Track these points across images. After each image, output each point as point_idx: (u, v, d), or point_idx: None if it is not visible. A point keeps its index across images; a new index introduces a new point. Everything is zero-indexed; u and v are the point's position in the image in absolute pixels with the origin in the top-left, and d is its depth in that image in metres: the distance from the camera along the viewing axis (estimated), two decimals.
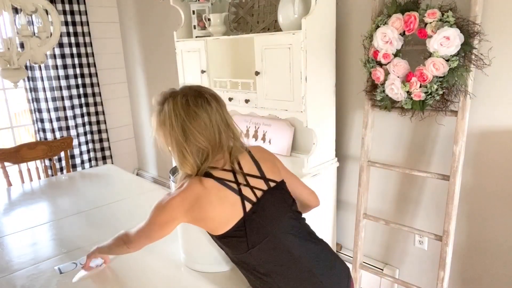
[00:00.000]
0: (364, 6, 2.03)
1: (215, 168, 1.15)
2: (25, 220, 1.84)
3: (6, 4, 1.64)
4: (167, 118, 1.14)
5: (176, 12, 2.71)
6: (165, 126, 1.14)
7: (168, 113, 1.13)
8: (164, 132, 1.15)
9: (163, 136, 1.17)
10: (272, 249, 1.14)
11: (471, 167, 1.82)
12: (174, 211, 1.12)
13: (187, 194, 1.12)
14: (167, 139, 1.16)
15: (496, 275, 1.84)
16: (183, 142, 1.12)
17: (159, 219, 1.15)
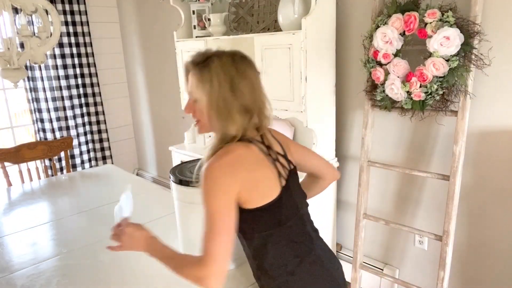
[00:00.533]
0: (364, 6, 2.03)
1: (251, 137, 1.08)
2: (25, 220, 1.83)
3: (6, 4, 1.63)
4: (214, 75, 1.03)
5: (176, 12, 2.71)
6: (210, 84, 1.03)
7: (215, 70, 1.03)
8: (209, 90, 1.03)
9: (207, 95, 1.04)
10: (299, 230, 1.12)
11: (471, 167, 1.82)
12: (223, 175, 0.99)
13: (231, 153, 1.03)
14: (211, 98, 1.03)
15: (496, 275, 1.84)
16: (232, 100, 1.03)
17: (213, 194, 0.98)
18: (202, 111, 1.07)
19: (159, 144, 3.92)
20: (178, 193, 1.30)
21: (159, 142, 3.92)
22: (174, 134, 3.62)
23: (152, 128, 3.97)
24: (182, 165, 1.39)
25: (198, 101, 1.07)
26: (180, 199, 1.30)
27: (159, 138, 3.91)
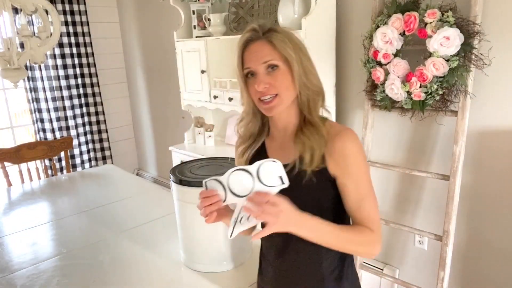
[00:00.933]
0: (364, 6, 2.03)
1: None
2: (25, 220, 1.83)
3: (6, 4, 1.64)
4: (299, 42, 0.98)
5: (176, 12, 2.71)
6: (300, 46, 0.98)
7: (298, 38, 0.99)
8: (303, 54, 0.98)
9: (298, 58, 0.96)
10: None
11: (471, 167, 1.82)
12: None
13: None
14: (303, 61, 0.97)
15: (496, 275, 1.84)
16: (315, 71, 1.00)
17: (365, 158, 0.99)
18: (285, 80, 0.96)
19: (159, 144, 3.92)
20: (178, 193, 1.30)
21: (159, 142, 3.92)
22: (174, 134, 3.62)
23: (152, 128, 3.97)
24: (182, 165, 1.39)
25: (282, 68, 0.95)
26: (180, 199, 1.30)
27: (159, 138, 3.91)
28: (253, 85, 0.97)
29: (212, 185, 0.90)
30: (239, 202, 0.89)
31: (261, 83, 0.95)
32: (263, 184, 0.88)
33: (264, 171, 0.88)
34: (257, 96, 0.97)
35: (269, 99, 0.96)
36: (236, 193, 0.89)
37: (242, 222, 0.89)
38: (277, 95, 0.96)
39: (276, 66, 0.95)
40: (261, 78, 0.95)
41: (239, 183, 0.89)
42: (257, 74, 0.96)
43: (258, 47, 0.97)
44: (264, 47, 0.96)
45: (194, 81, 2.64)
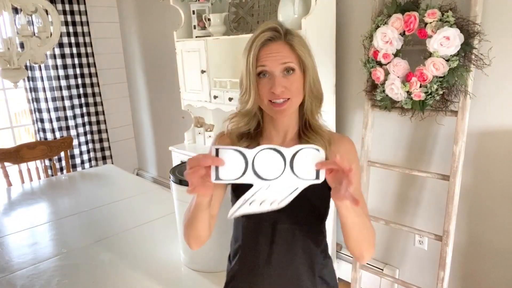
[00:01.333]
0: (364, 6, 2.03)
1: None
2: (25, 220, 1.83)
3: (6, 4, 1.63)
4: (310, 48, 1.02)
5: (176, 12, 2.71)
6: (311, 54, 1.01)
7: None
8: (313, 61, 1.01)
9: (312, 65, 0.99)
10: None
11: (471, 167, 1.82)
12: None
13: None
14: (314, 69, 1.00)
15: (496, 275, 1.84)
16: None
17: None
18: (299, 85, 0.97)
19: (159, 144, 3.92)
20: (178, 193, 1.30)
21: (159, 142, 3.92)
22: (174, 134, 3.62)
23: (152, 128, 3.97)
24: (182, 165, 1.39)
25: (297, 72, 0.96)
26: (180, 199, 1.30)
27: (159, 138, 3.91)
28: (264, 85, 0.95)
29: (229, 156, 0.78)
30: (258, 184, 0.79)
31: (279, 85, 0.93)
32: (294, 174, 0.78)
33: (301, 159, 0.78)
34: (268, 97, 0.95)
35: (281, 102, 0.95)
36: (259, 173, 0.78)
37: (252, 205, 0.80)
38: (289, 99, 0.95)
39: (293, 69, 0.95)
40: (279, 81, 0.94)
41: (266, 164, 0.78)
42: (274, 76, 0.94)
43: (278, 48, 0.95)
44: (284, 49, 0.96)
45: (194, 81, 2.64)
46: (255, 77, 0.96)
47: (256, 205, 0.80)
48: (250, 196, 0.79)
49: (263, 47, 0.95)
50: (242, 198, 0.79)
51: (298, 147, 0.78)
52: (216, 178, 0.78)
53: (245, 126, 1.04)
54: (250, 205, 0.79)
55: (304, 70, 0.97)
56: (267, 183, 0.79)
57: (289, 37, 0.97)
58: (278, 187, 0.79)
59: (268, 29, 0.96)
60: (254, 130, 1.05)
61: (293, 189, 0.80)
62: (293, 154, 0.78)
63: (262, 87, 0.96)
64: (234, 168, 0.78)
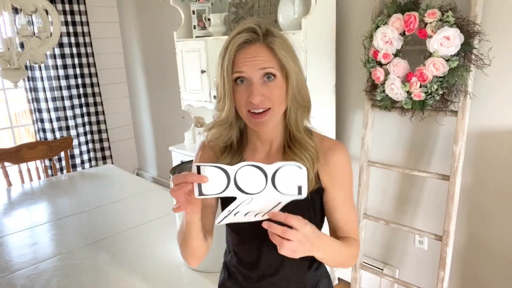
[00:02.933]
0: (364, 6, 2.03)
1: None
2: (25, 220, 1.84)
3: (6, 4, 1.64)
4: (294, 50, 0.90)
5: (176, 12, 2.71)
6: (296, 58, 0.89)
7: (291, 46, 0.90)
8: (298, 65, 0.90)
9: (296, 70, 0.88)
10: None
11: (471, 167, 1.82)
12: None
13: None
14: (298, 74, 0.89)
15: (496, 275, 1.84)
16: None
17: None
18: (281, 93, 0.86)
19: (159, 144, 3.92)
20: None
21: (159, 142, 3.92)
22: (174, 134, 3.62)
23: (152, 128, 3.97)
24: (182, 165, 1.39)
25: (279, 78, 0.85)
26: None
27: (159, 138, 3.91)
28: (242, 93, 0.85)
29: (210, 172, 0.79)
30: (241, 197, 0.80)
31: (257, 94, 0.83)
32: (276, 189, 0.79)
33: (282, 176, 0.78)
34: (247, 107, 0.85)
35: (261, 112, 0.85)
36: (241, 188, 0.80)
37: (237, 216, 0.82)
38: (270, 108, 0.85)
39: (273, 75, 0.84)
40: (258, 89, 0.84)
41: (248, 180, 0.79)
42: (252, 83, 0.84)
43: (256, 51, 0.84)
44: (263, 52, 0.84)
45: (194, 81, 2.64)
46: (230, 84, 0.86)
47: (240, 216, 0.82)
48: (234, 207, 0.81)
49: (240, 50, 0.85)
50: (227, 208, 0.81)
51: (279, 164, 0.78)
52: (200, 194, 0.80)
53: (225, 138, 0.95)
54: (235, 216, 0.82)
55: (286, 76, 0.86)
56: (250, 196, 0.80)
57: (269, 39, 0.85)
58: (261, 200, 0.80)
59: (245, 29, 0.85)
60: (238, 141, 0.97)
61: (276, 203, 0.80)
62: (274, 171, 0.78)
63: (239, 96, 0.86)
64: (217, 183, 0.79)
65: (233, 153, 0.97)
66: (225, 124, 0.93)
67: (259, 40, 0.85)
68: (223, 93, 0.87)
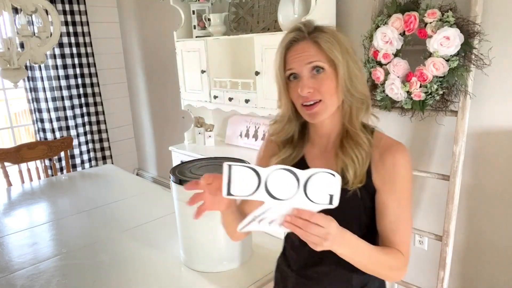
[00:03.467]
0: (364, 6, 2.03)
1: None
2: (25, 220, 1.84)
3: (6, 4, 1.64)
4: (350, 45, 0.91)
5: (176, 12, 2.71)
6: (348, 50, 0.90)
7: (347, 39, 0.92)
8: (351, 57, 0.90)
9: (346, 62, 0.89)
10: None
11: (471, 167, 1.82)
12: None
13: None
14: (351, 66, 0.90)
15: (496, 275, 1.84)
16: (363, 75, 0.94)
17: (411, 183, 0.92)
18: (331, 85, 0.88)
19: (159, 144, 3.92)
20: (178, 193, 1.30)
21: (159, 142, 3.92)
22: (174, 134, 3.62)
23: (152, 128, 3.97)
24: (182, 165, 1.39)
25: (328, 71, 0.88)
26: (180, 199, 1.30)
27: (159, 138, 3.91)
28: (295, 88, 0.90)
29: (241, 172, 0.76)
30: (269, 202, 0.77)
31: (305, 87, 0.87)
32: (307, 197, 0.76)
33: (315, 183, 0.75)
34: (300, 101, 0.90)
35: (312, 104, 0.89)
36: (271, 192, 0.76)
37: (261, 223, 0.79)
38: (321, 100, 0.89)
39: (321, 68, 0.88)
40: (305, 82, 0.88)
41: (280, 184, 0.76)
42: (301, 77, 0.89)
43: (303, 48, 0.89)
44: (310, 47, 0.89)
45: (194, 81, 2.64)
46: (284, 81, 0.92)
47: (265, 224, 0.79)
48: (260, 213, 0.78)
49: (289, 49, 0.91)
50: (252, 214, 0.78)
51: (313, 171, 0.75)
52: (228, 194, 0.77)
53: (285, 132, 0.99)
54: (259, 223, 0.79)
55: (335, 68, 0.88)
56: (279, 202, 0.77)
57: (314, 35, 0.89)
58: (289, 208, 0.77)
59: (292, 29, 0.92)
60: (299, 135, 1.01)
61: None
62: (307, 178, 0.75)
63: (293, 91, 0.91)
64: (247, 184, 0.76)
65: (294, 146, 1.00)
66: (284, 120, 0.98)
67: (305, 37, 0.89)
68: (279, 91, 0.95)
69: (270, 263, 1.33)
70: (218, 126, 3.02)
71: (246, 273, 1.32)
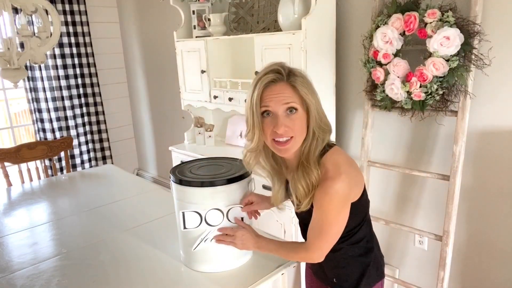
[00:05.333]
0: (364, 6, 2.03)
1: None
2: (25, 220, 1.83)
3: (6, 4, 1.63)
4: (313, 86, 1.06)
5: (176, 12, 2.71)
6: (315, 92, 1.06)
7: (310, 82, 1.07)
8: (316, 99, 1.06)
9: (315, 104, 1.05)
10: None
11: (471, 167, 1.82)
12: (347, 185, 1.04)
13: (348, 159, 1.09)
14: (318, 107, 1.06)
15: (496, 275, 1.84)
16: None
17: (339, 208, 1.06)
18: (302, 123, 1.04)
19: (159, 144, 3.92)
20: (178, 193, 1.30)
21: (159, 142, 3.92)
22: (174, 134, 3.62)
23: (152, 128, 3.97)
24: (182, 165, 1.39)
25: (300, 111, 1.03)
26: (180, 199, 1.30)
27: (159, 138, 3.92)
28: (268, 124, 1.03)
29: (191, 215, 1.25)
30: (208, 229, 1.26)
31: (282, 125, 1.00)
32: (228, 220, 1.26)
33: (232, 212, 1.25)
34: (272, 136, 1.03)
35: (285, 141, 1.03)
36: (209, 223, 1.25)
37: (206, 242, 1.27)
38: (293, 137, 1.03)
39: (295, 109, 1.01)
40: (282, 121, 1.01)
41: (213, 217, 1.25)
42: (277, 116, 1.01)
43: (280, 89, 1.01)
44: (286, 89, 1.01)
45: (194, 81, 2.64)
46: (259, 116, 1.03)
47: (209, 242, 1.27)
48: (205, 236, 1.27)
49: (266, 88, 1.02)
50: (199, 237, 1.27)
51: (230, 206, 1.25)
52: (184, 228, 1.28)
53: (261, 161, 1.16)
54: (205, 242, 1.27)
55: (307, 109, 1.03)
56: (215, 228, 1.26)
57: (291, 79, 1.02)
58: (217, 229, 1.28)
59: (271, 71, 1.03)
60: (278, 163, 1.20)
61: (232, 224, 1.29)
62: (227, 211, 1.25)
63: (266, 127, 1.03)
64: (194, 221, 1.26)
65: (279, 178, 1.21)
66: (256, 151, 1.11)
67: (283, 80, 1.03)
68: (252, 124, 1.05)
69: (270, 263, 1.33)
70: (218, 126, 3.02)
71: (246, 273, 1.32)
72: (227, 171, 1.30)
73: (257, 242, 1.23)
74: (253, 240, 1.23)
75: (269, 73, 1.03)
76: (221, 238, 1.24)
